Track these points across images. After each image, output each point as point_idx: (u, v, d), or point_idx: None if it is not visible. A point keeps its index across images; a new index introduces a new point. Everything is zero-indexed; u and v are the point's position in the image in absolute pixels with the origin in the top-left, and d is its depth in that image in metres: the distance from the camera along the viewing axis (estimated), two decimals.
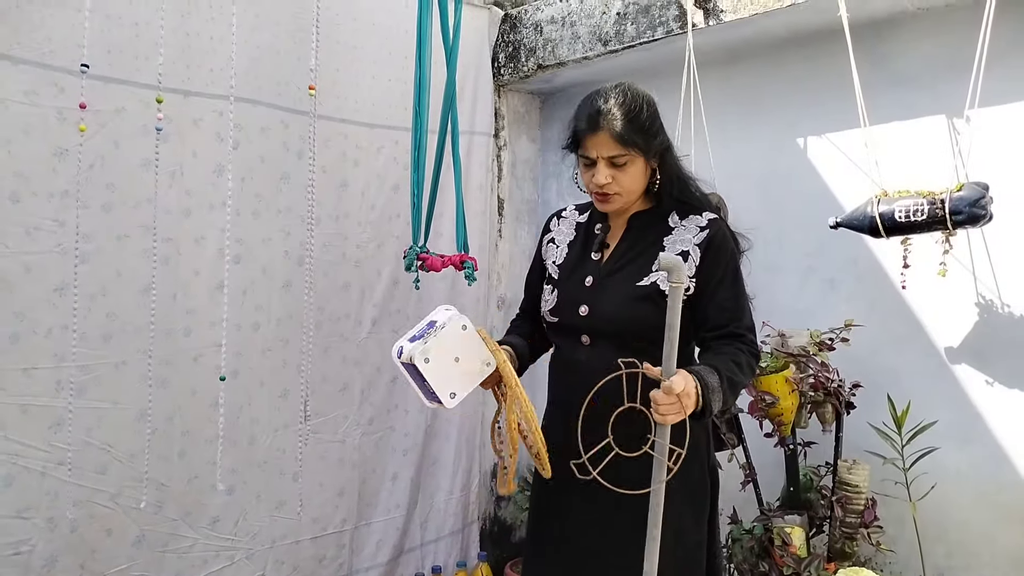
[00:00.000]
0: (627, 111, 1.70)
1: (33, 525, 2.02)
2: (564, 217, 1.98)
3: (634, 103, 1.72)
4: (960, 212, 2.01)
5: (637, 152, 1.71)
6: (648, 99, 1.76)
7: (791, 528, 2.26)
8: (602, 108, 1.71)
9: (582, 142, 1.74)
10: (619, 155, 1.70)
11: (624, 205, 1.79)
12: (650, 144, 1.72)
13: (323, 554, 2.67)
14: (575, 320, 1.79)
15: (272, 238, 2.48)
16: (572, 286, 1.83)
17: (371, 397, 2.79)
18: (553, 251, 1.92)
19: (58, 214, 2.02)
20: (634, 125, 1.70)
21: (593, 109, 1.72)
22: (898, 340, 2.43)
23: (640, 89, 1.77)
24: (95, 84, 2.02)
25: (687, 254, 1.73)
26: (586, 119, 1.73)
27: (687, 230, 1.76)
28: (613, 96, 1.72)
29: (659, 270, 1.69)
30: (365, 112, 2.73)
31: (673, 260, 1.50)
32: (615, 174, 1.72)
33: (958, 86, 2.09)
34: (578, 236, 1.90)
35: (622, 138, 1.69)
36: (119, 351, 2.14)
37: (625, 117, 1.70)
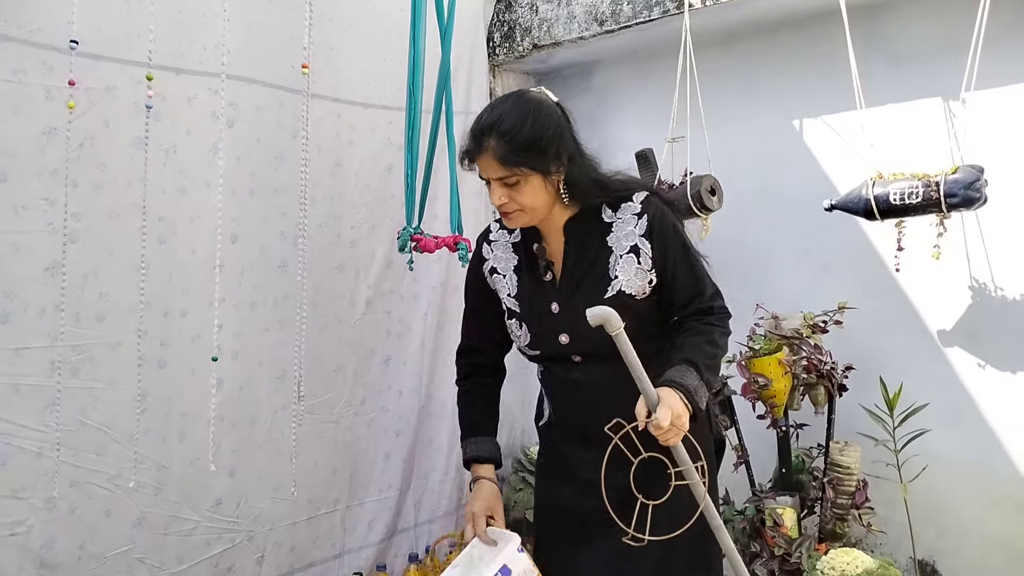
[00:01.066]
0: (510, 130, 1.59)
1: (29, 506, 2.01)
2: (494, 241, 1.86)
3: (519, 120, 1.60)
4: (955, 195, 2.02)
5: (528, 171, 1.60)
6: (537, 111, 1.63)
7: (783, 509, 2.28)
8: (484, 128, 1.61)
9: (469, 158, 1.66)
10: (507, 176, 1.61)
11: (532, 221, 1.70)
12: (542, 160, 1.61)
13: (317, 534, 2.67)
14: (559, 349, 1.74)
15: (268, 217, 2.47)
16: (539, 317, 1.75)
17: (364, 378, 2.79)
18: (502, 282, 1.82)
19: (48, 193, 2.00)
20: (518, 144, 1.59)
21: (476, 128, 1.63)
22: (891, 323, 2.43)
23: (532, 99, 1.66)
24: (85, 62, 1.99)
25: (637, 248, 1.67)
26: (471, 139, 1.64)
27: (625, 222, 1.69)
28: (497, 114, 1.62)
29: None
30: (359, 92, 2.70)
31: (601, 314, 1.45)
32: (510, 193, 1.63)
33: (954, 68, 2.08)
34: (521, 259, 1.80)
35: (506, 160, 1.59)
36: (113, 331, 2.13)
37: (508, 137, 1.59)
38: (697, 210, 2.44)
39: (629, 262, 1.67)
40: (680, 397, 1.53)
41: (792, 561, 2.22)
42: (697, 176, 2.46)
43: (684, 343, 1.66)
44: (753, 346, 2.34)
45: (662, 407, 1.49)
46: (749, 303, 2.55)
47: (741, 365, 2.34)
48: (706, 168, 2.50)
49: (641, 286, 1.68)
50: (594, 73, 3.25)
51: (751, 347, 2.35)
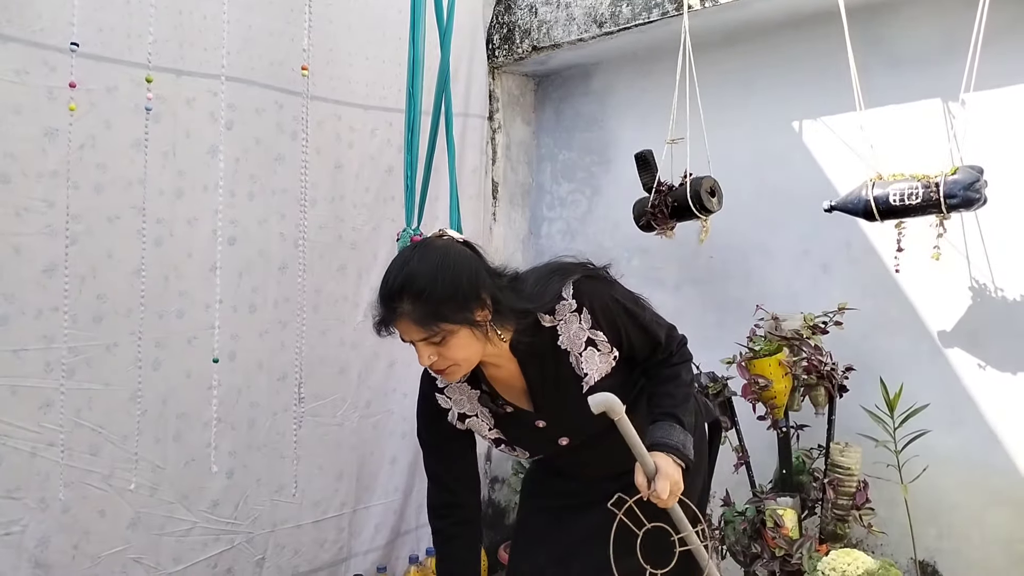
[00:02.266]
0: (423, 289, 1.47)
1: (24, 505, 2.01)
2: (445, 386, 1.73)
3: (430, 276, 1.48)
4: (954, 196, 2.01)
5: (449, 326, 1.49)
6: (447, 260, 1.51)
7: (783, 510, 2.28)
8: (393, 292, 1.48)
9: (385, 325, 1.53)
10: (430, 336, 1.49)
11: (469, 369, 1.60)
12: (464, 312, 1.50)
13: (324, 538, 2.68)
14: (559, 448, 1.74)
15: (268, 219, 2.47)
16: (530, 437, 1.73)
17: (368, 380, 2.79)
18: (477, 423, 1.73)
19: (48, 195, 2.00)
20: (432, 300, 1.47)
21: (385, 293, 1.50)
22: (891, 324, 2.43)
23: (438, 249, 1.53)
24: (86, 63, 2.00)
25: (592, 340, 1.63)
26: (384, 306, 1.51)
27: (568, 322, 1.63)
28: (404, 274, 1.49)
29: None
30: (359, 93, 2.71)
31: (604, 401, 1.48)
32: (439, 351, 1.52)
33: (954, 69, 2.08)
34: (482, 395, 1.72)
35: (424, 321, 1.47)
36: (110, 333, 2.13)
37: (423, 297, 1.46)
38: (697, 211, 2.44)
39: (591, 355, 1.65)
40: (673, 459, 1.58)
41: (793, 562, 2.21)
42: (697, 177, 2.46)
43: (656, 393, 1.69)
44: (753, 347, 2.34)
45: (660, 479, 1.53)
46: (749, 304, 2.55)
47: (741, 366, 2.34)
48: (706, 169, 2.50)
49: (608, 365, 1.67)
50: (593, 75, 3.25)
51: (751, 348, 2.34)
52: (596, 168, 3.24)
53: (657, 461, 1.56)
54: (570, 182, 3.34)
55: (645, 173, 2.59)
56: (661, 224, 2.56)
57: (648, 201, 2.56)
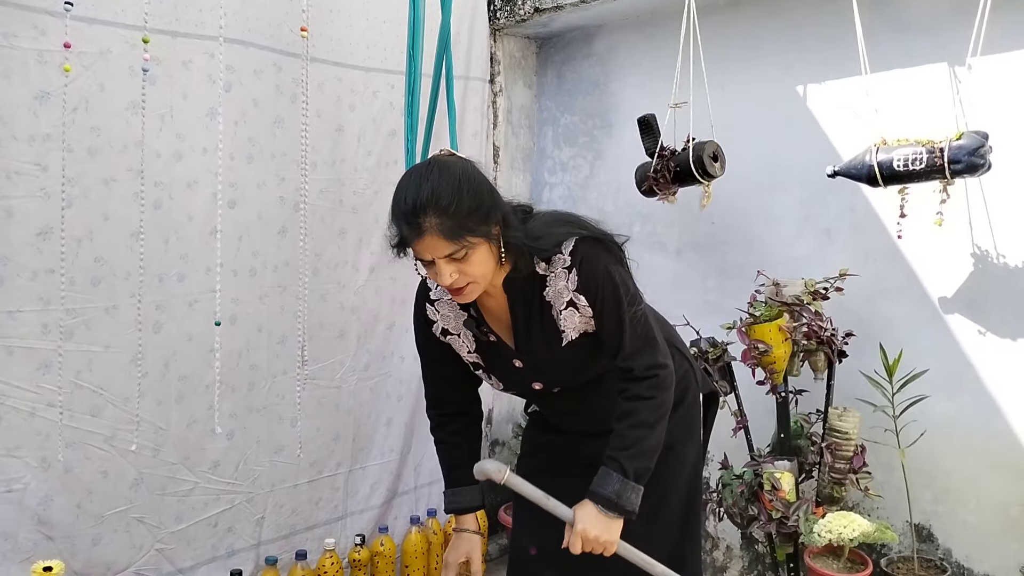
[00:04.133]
0: (448, 201, 1.47)
1: (24, 464, 2.04)
2: (436, 300, 1.77)
3: (455, 189, 1.49)
4: (959, 161, 2.00)
5: (475, 239, 1.51)
6: (467, 174, 1.53)
7: (781, 473, 2.30)
8: (419, 206, 1.47)
9: (412, 247, 1.53)
10: (456, 251, 1.50)
11: (482, 290, 1.61)
12: (486, 225, 1.52)
13: (319, 497, 2.71)
14: (531, 391, 1.79)
15: (267, 183, 2.46)
16: (506, 372, 1.76)
17: (367, 344, 2.80)
18: (457, 342, 1.76)
19: (40, 158, 2.00)
20: (460, 213, 1.47)
21: (409, 209, 1.49)
22: (892, 290, 2.43)
23: (456, 165, 1.55)
24: (79, 25, 1.97)
25: (573, 302, 1.62)
26: (405, 223, 1.50)
27: (557, 276, 1.63)
28: (428, 188, 1.49)
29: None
30: (360, 55, 2.67)
31: (482, 469, 1.64)
32: (459, 267, 1.52)
33: (961, 33, 2.05)
34: (469, 319, 1.74)
35: (453, 234, 1.48)
36: (109, 295, 2.14)
37: (449, 209, 1.47)
38: (699, 176, 2.43)
39: (571, 315, 1.64)
40: (598, 510, 1.58)
41: (789, 524, 2.24)
42: (700, 142, 2.44)
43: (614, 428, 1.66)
44: (754, 312, 2.34)
45: (573, 536, 1.57)
46: (750, 269, 2.55)
47: (741, 331, 2.35)
48: (709, 134, 2.47)
49: (586, 327, 1.67)
50: (596, 37, 3.21)
51: (752, 313, 2.35)
52: (598, 132, 3.22)
53: (578, 512, 1.58)
54: (572, 146, 3.32)
55: (648, 137, 2.57)
56: (663, 189, 2.55)
57: (650, 166, 2.54)
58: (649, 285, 3.01)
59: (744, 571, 2.80)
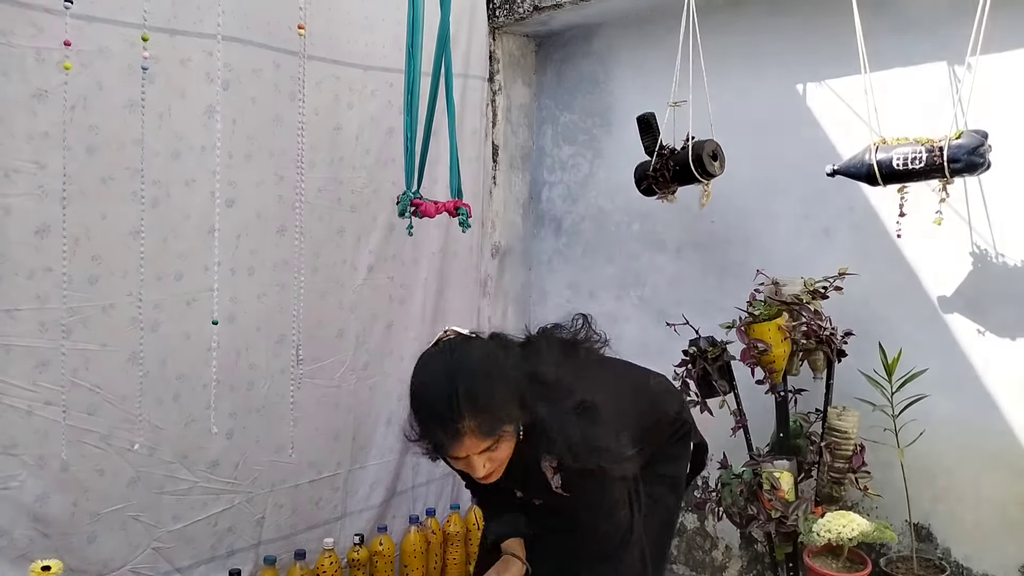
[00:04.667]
0: (485, 399, 1.46)
1: (21, 461, 2.04)
2: None
3: (486, 382, 1.48)
4: (958, 160, 1.99)
5: (509, 427, 1.52)
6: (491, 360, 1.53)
7: (780, 473, 2.30)
8: (455, 410, 1.45)
9: (447, 451, 1.52)
10: (490, 446, 1.50)
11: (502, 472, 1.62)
12: (516, 410, 1.52)
13: (319, 496, 2.71)
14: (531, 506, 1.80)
15: (265, 181, 2.45)
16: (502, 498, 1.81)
17: (366, 343, 2.79)
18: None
19: (38, 156, 1.99)
20: (496, 407, 1.47)
21: (444, 414, 1.46)
22: (892, 289, 2.43)
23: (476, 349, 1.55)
24: (77, 23, 1.97)
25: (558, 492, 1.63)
26: (442, 430, 1.48)
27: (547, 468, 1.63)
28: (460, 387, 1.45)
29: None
30: (358, 53, 2.67)
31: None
32: (491, 456, 1.53)
33: (960, 32, 2.05)
34: None
35: (491, 431, 1.48)
36: (106, 294, 2.13)
37: (486, 407, 1.46)
38: (698, 175, 2.42)
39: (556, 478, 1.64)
40: None
41: (789, 524, 2.24)
42: (699, 141, 2.44)
43: None
44: (753, 311, 2.34)
45: None
46: (750, 268, 2.54)
47: (741, 330, 2.34)
48: (708, 133, 2.47)
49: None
50: (596, 36, 3.20)
51: (751, 312, 2.34)
52: (597, 131, 3.21)
53: None
54: (571, 145, 3.31)
55: (647, 136, 2.56)
56: (662, 188, 2.54)
57: (650, 164, 2.54)
58: (648, 284, 3.03)
59: (743, 570, 2.80)
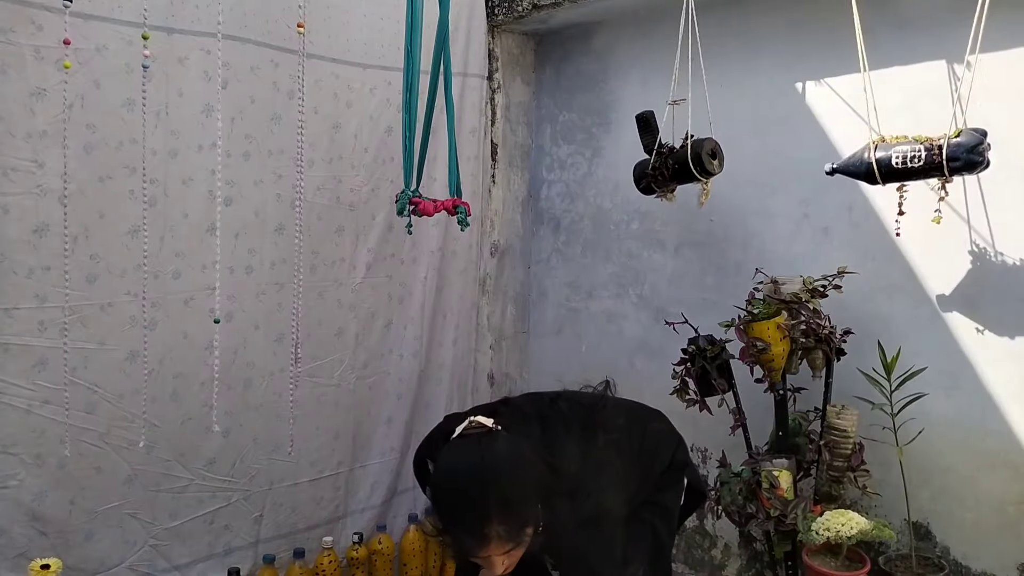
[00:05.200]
0: (516, 501, 1.48)
1: (19, 460, 2.05)
2: None
3: (512, 490, 1.48)
4: (957, 159, 1.99)
5: (528, 532, 1.53)
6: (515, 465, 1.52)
7: (779, 471, 2.30)
8: (482, 518, 1.45)
9: (470, 553, 1.52)
10: (512, 548, 1.51)
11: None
12: (537, 515, 1.54)
13: (320, 496, 2.71)
14: None
15: (264, 180, 2.46)
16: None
17: (365, 341, 2.79)
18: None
19: (36, 155, 2.00)
20: (518, 510, 1.49)
21: (471, 521, 1.46)
22: (890, 287, 2.43)
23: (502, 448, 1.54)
24: (76, 21, 1.97)
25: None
26: (468, 535, 1.48)
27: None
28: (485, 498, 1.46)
29: None
30: (357, 51, 2.67)
31: None
32: (511, 554, 1.53)
33: (960, 30, 2.04)
34: None
35: (517, 535, 1.49)
36: (104, 292, 2.14)
37: (514, 510, 1.48)
38: (697, 174, 2.42)
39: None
40: None
41: (787, 522, 2.24)
42: (698, 139, 2.44)
43: None
44: (752, 310, 2.33)
45: None
46: (748, 267, 2.54)
47: (740, 329, 2.34)
48: (707, 131, 2.47)
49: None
50: (594, 34, 3.20)
51: (750, 311, 2.34)
52: (596, 129, 3.21)
53: None
54: (570, 144, 3.31)
55: (646, 135, 2.56)
56: (661, 186, 2.54)
57: (649, 163, 2.53)
58: (647, 283, 3.03)
59: (742, 569, 2.80)
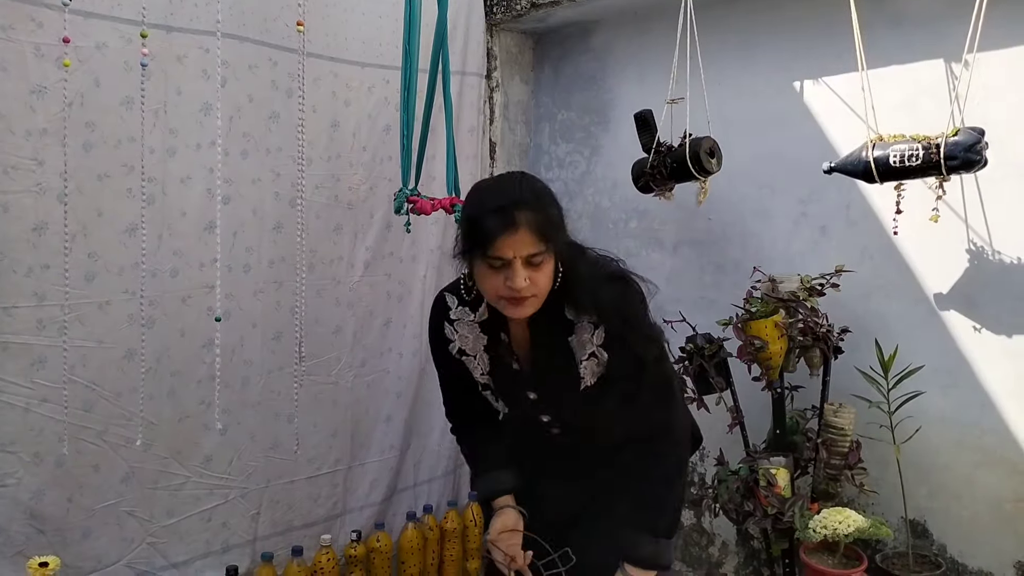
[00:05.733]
0: (545, 201, 1.55)
1: (18, 459, 2.04)
2: (456, 320, 1.77)
3: (546, 192, 1.57)
4: (955, 157, 1.99)
5: (552, 247, 1.54)
6: (546, 188, 1.61)
7: (776, 469, 2.30)
8: (514, 201, 1.50)
9: (491, 244, 1.50)
10: (538, 252, 1.51)
11: (536, 309, 1.59)
12: (563, 236, 1.58)
13: (318, 493, 2.71)
14: (540, 423, 1.78)
15: (262, 178, 2.45)
16: (516, 400, 1.78)
17: (364, 340, 2.79)
18: (472, 363, 1.78)
19: (37, 153, 1.99)
20: (551, 216, 1.53)
21: (505, 203, 1.50)
22: (888, 286, 2.43)
23: (533, 177, 1.64)
24: (75, 19, 1.97)
25: (595, 355, 1.66)
26: (498, 217, 1.49)
27: (583, 329, 1.66)
28: (524, 187, 1.54)
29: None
30: (355, 50, 2.67)
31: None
32: (531, 275, 1.52)
33: (958, 29, 2.05)
34: (491, 341, 1.74)
35: (542, 232, 1.50)
36: (102, 291, 2.14)
37: (543, 208, 1.53)
38: (695, 172, 2.42)
39: (591, 365, 1.68)
40: (639, 571, 1.66)
41: (785, 520, 2.24)
42: (696, 138, 2.44)
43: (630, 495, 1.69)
44: (750, 309, 2.34)
45: None
46: (746, 266, 2.55)
47: (737, 327, 2.35)
48: (705, 130, 2.47)
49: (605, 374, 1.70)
50: (593, 33, 3.20)
51: (748, 310, 2.34)
52: (595, 128, 3.21)
53: None
54: (568, 142, 3.31)
55: (644, 133, 2.56)
56: (660, 185, 2.54)
57: (647, 162, 2.54)
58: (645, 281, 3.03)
59: (739, 567, 2.80)
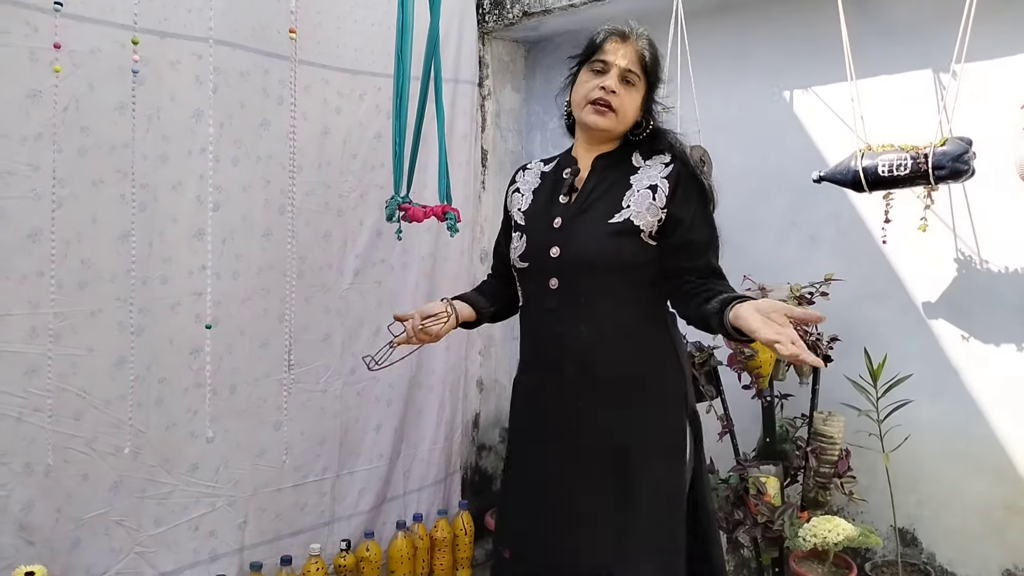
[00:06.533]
0: (652, 43, 1.79)
1: (10, 470, 2.02)
2: (529, 169, 1.97)
3: (654, 42, 1.81)
4: (943, 167, 2.01)
5: (646, 81, 1.76)
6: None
7: (766, 478, 2.31)
8: (635, 28, 1.78)
9: (603, 47, 1.75)
10: (635, 72, 1.74)
11: (614, 129, 1.77)
12: (655, 81, 1.79)
13: (305, 502, 2.69)
14: (546, 263, 1.76)
15: (252, 185, 2.45)
16: (541, 229, 1.80)
17: (353, 347, 2.78)
18: (519, 200, 1.91)
19: (32, 158, 1.98)
20: (654, 56, 1.78)
21: (626, 27, 1.78)
22: (877, 294, 2.45)
23: None
24: (69, 23, 1.96)
25: (655, 186, 1.72)
26: (617, 33, 1.76)
27: (652, 167, 1.77)
28: (641, 27, 1.80)
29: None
30: (347, 58, 2.67)
31: None
32: (623, 90, 1.74)
33: (946, 40, 2.07)
34: (544, 183, 1.89)
35: (644, 59, 1.75)
36: (94, 298, 2.12)
37: (651, 46, 1.78)
38: None
39: (644, 196, 1.72)
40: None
41: (774, 528, 2.25)
42: None
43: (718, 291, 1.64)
44: None
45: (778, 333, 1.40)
46: (736, 274, 2.54)
47: None
48: (696, 138, 2.49)
49: (650, 222, 1.71)
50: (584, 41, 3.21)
51: None
52: None
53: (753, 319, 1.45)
54: (559, 150, 3.31)
55: None
56: None
57: None
58: None
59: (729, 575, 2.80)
